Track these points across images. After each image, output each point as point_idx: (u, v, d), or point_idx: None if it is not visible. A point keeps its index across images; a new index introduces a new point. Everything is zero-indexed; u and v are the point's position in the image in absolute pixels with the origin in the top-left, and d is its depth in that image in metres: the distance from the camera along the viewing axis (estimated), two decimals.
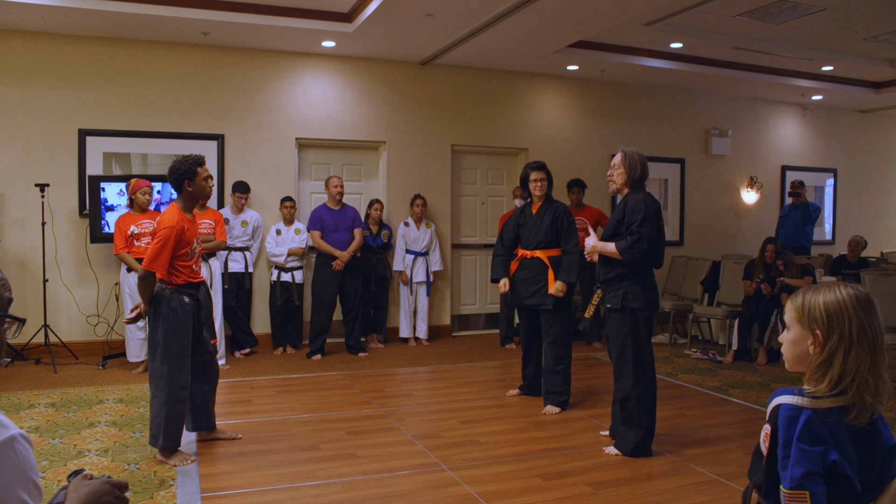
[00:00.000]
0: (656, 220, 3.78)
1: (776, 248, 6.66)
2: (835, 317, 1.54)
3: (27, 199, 6.24)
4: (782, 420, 1.54)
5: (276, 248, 6.64)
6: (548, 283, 4.79)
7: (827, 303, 1.55)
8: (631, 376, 3.88)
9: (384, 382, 5.67)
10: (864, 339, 1.53)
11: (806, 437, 1.51)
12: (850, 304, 1.54)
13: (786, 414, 1.54)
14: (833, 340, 1.54)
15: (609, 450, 3.96)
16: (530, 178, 4.88)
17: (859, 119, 10.41)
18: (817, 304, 1.57)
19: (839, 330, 1.54)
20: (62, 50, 6.35)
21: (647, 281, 3.87)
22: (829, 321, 1.55)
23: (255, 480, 3.53)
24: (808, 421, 1.52)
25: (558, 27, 6.20)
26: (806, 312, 1.58)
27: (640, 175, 3.89)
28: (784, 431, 1.53)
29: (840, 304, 1.54)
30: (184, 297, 3.76)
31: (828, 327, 1.55)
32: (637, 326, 3.86)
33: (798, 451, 1.50)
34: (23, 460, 1.17)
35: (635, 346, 3.86)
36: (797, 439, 1.51)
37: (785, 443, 1.53)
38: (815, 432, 1.51)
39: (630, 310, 3.84)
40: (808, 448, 1.50)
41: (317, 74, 7.16)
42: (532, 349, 5.14)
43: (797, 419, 1.52)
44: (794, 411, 1.54)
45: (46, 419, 4.50)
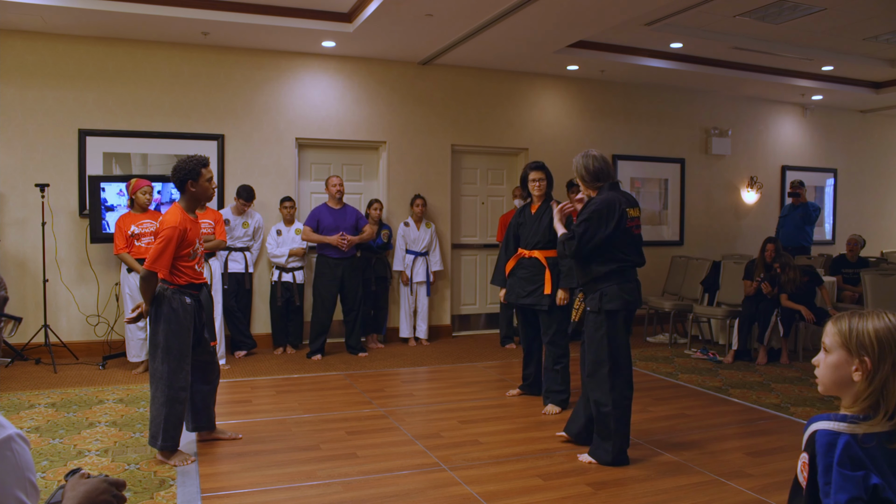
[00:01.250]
0: (603, 223, 3.66)
1: (776, 247, 6.66)
2: (887, 344, 1.49)
3: (27, 199, 6.24)
4: (820, 446, 1.51)
5: (276, 248, 6.64)
6: (545, 284, 4.79)
7: (878, 330, 1.51)
8: (607, 380, 3.73)
9: (384, 382, 5.67)
10: None
11: (846, 462, 1.47)
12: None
13: (823, 440, 1.51)
14: (885, 369, 1.49)
15: (583, 457, 3.81)
16: (529, 177, 4.88)
17: (859, 119, 10.41)
18: (867, 331, 1.51)
19: (892, 358, 1.49)
20: (62, 50, 6.35)
21: (624, 282, 3.76)
22: (880, 349, 1.49)
23: (255, 480, 3.53)
24: (847, 446, 1.48)
25: (558, 27, 6.20)
26: (854, 338, 1.52)
27: (596, 173, 3.80)
28: (823, 458, 1.50)
29: (891, 332, 1.50)
30: (185, 298, 3.76)
31: (879, 355, 1.50)
32: (614, 328, 3.74)
33: (840, 477, 1.47)
34: (20, 460, 1.17)
35: (612, 349, 3.73)
36: (837, 464, 1.47)
37: (825, 469, 1.49)
38: (855, 457, 1.48)
39: (606, 311, 3.73)
40: (850, 473, 1.46)
41: (317, 74, 7.16)
42: (533, 349, 5.15)
43: (835, 444, 1.49)
44: (831, 437, 1.50)
45: (46, 419, 4.50)
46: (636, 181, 8.77)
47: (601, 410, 3.76)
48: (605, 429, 3.75)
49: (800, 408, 4.94)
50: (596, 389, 3.79)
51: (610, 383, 3.73)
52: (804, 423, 1.57)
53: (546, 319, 4.82)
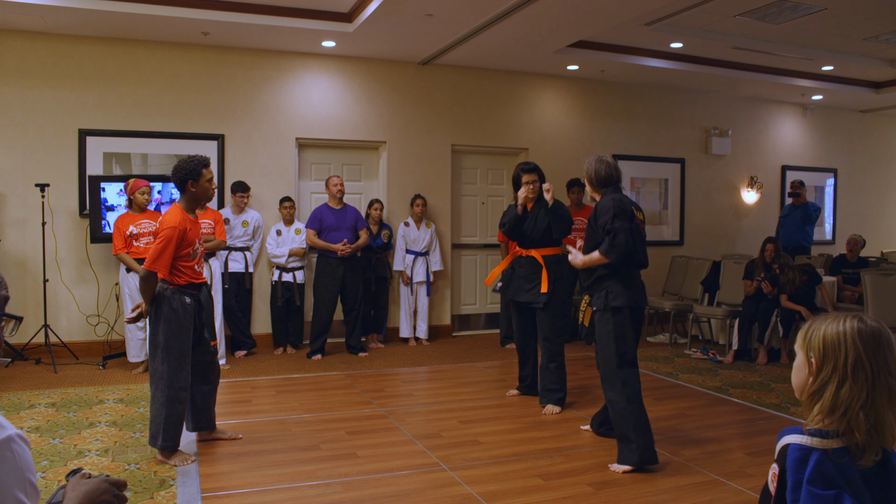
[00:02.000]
0: (627, 215, 3.73)
1: (776, 248, 6.66)
2: (831, 347, 1.48)
3: (27, 199, 6.24)
4: (790, 462, 1.46)
5: (276, 248, 6.64)
6: (541, 283, 4.80)
7: (827, 332, 1.50)
8: (617, 377, 3.75)
9: (384, 382, 5.67)
10: (859, 372, 1.45)
11: (817, 480, 1.42)
12: (851, 336, 1.47)
13: (794, 455, 1.46)
14: (826, 370, 1.48)
15: (614, 467, 3.71)
16: (522, 180, 4.88)
17: (859, 119, 10.41)
18: (818, 333, 1.51)
19: (833, 360, 1.47)
20: (62, 50, 6.35)
21: (628, 279, 3.80)
22: (824, 350, 1.49)
23: (255, 480, 3.53)
24: (819, 462, 1.43)
25: (558, 27, 6.20)
26: (807, 339, 1.53)
27: (605, 178, 3.87)
28: (793, 474, 1.45)
29: (839, 335, 1.48)
30: (185, 298, 3.76)
31: (823, 356, 1.49)
32: (620, 325, 3.77)
33: (808, 496, 1.42)
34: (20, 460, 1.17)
35: (618, 345, 3.76)
36: (807, 482, 1.42)
37: (794, 486, 1.45)
38: (827, 474, 1.42)
39: (612, 308, 3.77)
40: (820, 492, 1.41)
41: (317, 74, 7.16)
42: (527, 349, 5.15)
43: (807, 460, 1.44)
44: (803, 452, 1.46)
45: (47, 419, 4.50)
46: (636, 181, 8.77)
47: (616, 409, 3.75)
48: (625, 429, 3.71)
49: (800, 408, 4.91)
50: (609, 389, 3.81)
51: (620, 379, 3.74)
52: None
53: (542, 317, 4.83)
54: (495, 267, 7.81)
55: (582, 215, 7.23)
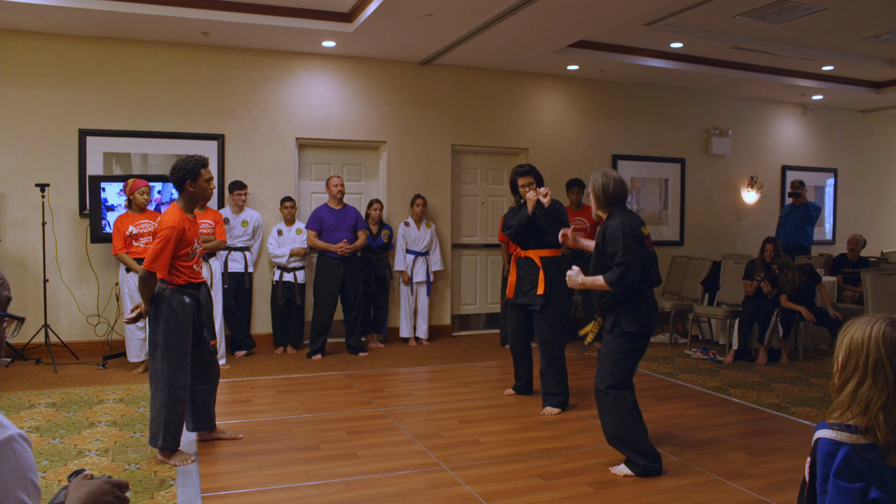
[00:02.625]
0: (637, 243, 3.60)
1: (775, 247, 6.66)
2: (855, 346, 1.55)
3: (27, 199, 6.24)
4: (820, 455, 1.53)
5: (277, 248, 6.65)
6: (538, 284, 4.78)
7: (854, 333, 1.57)
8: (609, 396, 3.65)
9: (384, 382, 5.67)
10: (880, 373, 1.51)
11: (844, 474, 1.48)
12: (875, 339, 1.53)
13: (824, 449, 1.53)
14: (849, 368, 1.56)
15: (616, 470, 3.69)
16: (519, 182, 4.87)
17: (859, 119, 10.41)
18: (848, 333, 1.59)
19: (856, 359, 1.55)
20: (62, 50, 6.35)
21: (641, 302, 3.67)
22: (849, 349, 1.57)
23: (255, 480, 3.53)
24: (847, 457, 1.49)
25: (558, 27, 6.20)
26: (840, 339, 1.61)
27: (613, 196, 3.72)
28: (822, 467, 1.52)
29: (865, 337, 1.55)
30: (184, 298, 3.76)
31: (847, 355, 1.57)
32: (628, 351, 3.66)
33: (835, 489, 1.48)
34: (21, 460, 1.17)
35: (618, 366, 3.65)
36: (834, 475, 1.49)
37: (822, 478, 1.51)
38: (855, 468, 1.48)
39: (623, 332, 3.65)
40: (846, 485, 1.47)
41: (317, 74, 7.16)
42: (520, 349, 5.14)
43: (835, 454, 1.50)
44: (832, 446, 1.52)
45: (47, 419, 4.50)
46: (636, 181, 8.77)
47: (607, 426, 3.69)
48: (622, 446, 3.67)
49: (800, 408, 4.94)
50: (600, 405, 3.71)
51: (611, 398, 3.65)
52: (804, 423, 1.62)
53: (539, 320, 4.82)
54: (500, 269, 7.87)
55: (582, 215, 7.24)
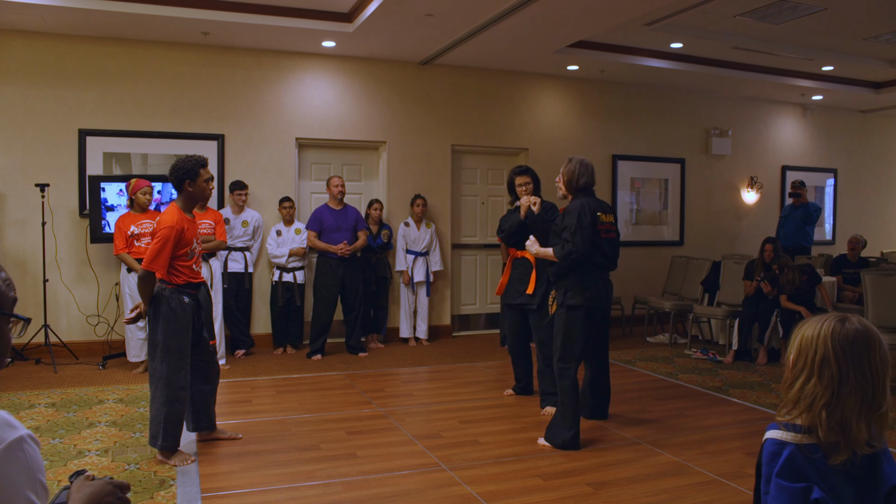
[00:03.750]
0: (588, 228, 3.98)
1: (774, 247, 6.66)
2: (805, 344, 1.53)
3: (27, 199, 6.24)
4: (765, 455, 1.52)
5: (277, 248, 6.64)
6: (529, 284, 4.81)
7: (805, 331, 1.54)
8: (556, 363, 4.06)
9: (384, 382, 5.67)
10: (825, 370, 1.48)
11: (786, 473, 1.47)
12: (824, 336, 1.50)
13: (770, 449, 1.52)
14: (798, 366, 1.53)
15: (541, 441, 4.09)
16: (516, 182, 4.89)
17: (859, 119, 10.42)
18: (800, 332, 1.56)
19: (804, 356, 1.52)
20: (62, 50, 6.35)
21: (588, 279, 4.03)
22: (799, 347, 1.54)
23: (255, 480, 3.53)
24: (791, 456, 1.48)
25: (558, 27, 6.20)
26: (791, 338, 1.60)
27: (584, 183, 4.11)
28: (766, 467, 1.51)
29: (815, 334, 1.51)
30: (184, 298, 3.76)
31: (798, 353, 1.54)
32: (571, 323, 4.01)
33: (776, 488, 1.47)
34: (31, 461, 1.18)
35: (564, 339, 4.02)
36: (776, 475, 1.48)
37: (766, 478, 1.51)
38: (797, 468, 1.47)
39: (567, 306, 4.02)
40: (788, 485, 1.46)
41: (317, 74, 7.16)
42: (519, 350, 5.15)
43: (780, 454, 1.49)
44: (777, 446, 1.51)
45: (46, 419, 4.50)
46: (636, 181, 8.77)
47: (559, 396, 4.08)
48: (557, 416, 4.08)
49: None
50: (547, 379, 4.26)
51: (557, 370, 4.07)
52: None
53: (535, 319, 4.83)
54: (499, 269, 7.88)
55: None
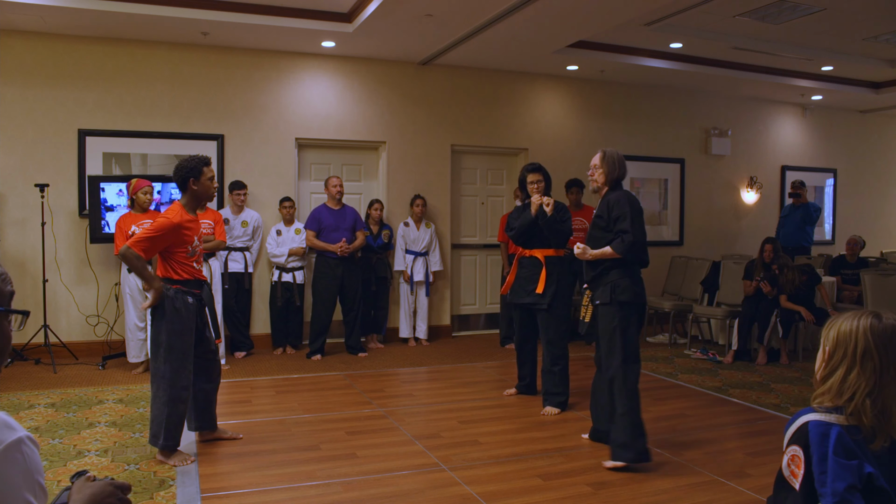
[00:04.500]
0: (640, 215, 3.83)
1: (774, 248, 6.66)
2: (843, 337, 1.62)
3: (27, 199, 6.24)
4: (814, 436, 1.56)
5: (276, 248, 6.64)
6: (538, 283, 4.79)
7: (842, 325, 1.64)
8: (620, 374, 3.72)
9: (384, 382, 5.67)
10: (867, 362, 1.58)
11: (840, 451, 1.53)
12: (863, 329, 1.60)
13: (817, 430, 1.57)
14: (837, 357, 1.63)
15: (608, 464, 3.70)
16: (528, 180, 4.89)
17: (859, 119, 10.42)
18: (835, 325, 1.66)
19: (843, 348, 1.62)
20: (62, 50, 6.35)
21: (634, 275, 3.82)
22: (837, 340, 1.64)
23: (255, 480, 3.53)
24: (840, 436, 1.54)
25: (558, 27, 6.20)
26: (826, 331, 1.68)
27: (619, 174, 3.95)
28: (818, 447, 1.55)
29: (853, 327, 1.62)
30: (188, 298, 3.76)
31: (835, 345, 1.64)
32: (626, 320, 3.77)
33: (836, 465, 1.52)
34: (30, 462, 1.18)
35: (624, 341, 3.75)
36: (833, 454, 1.53)
37: (820, 458, 1.54)
38: (848, 446, 1.53)
39: (619, 302, 3.77)
40: (845, 461, 1.51)
41: (317, 74, 7.16)
42: (526, 348, 5.15)
43: (828, 434, 1.55)
44: (824, 427, 1.57)
45: (46, 419, 4.50)
46: (636, 181, 8.77)
47: (618, 405, 3.71)
48: (622, 426, 3.68)
49: (799, 408, 4.93)
50: (618, 385, 3.74)
51: (623, 374, 3.72)
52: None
53: (545, 319, 4.82)
54: (499, 269, 7.87)
55: (582, 216, 7.24)
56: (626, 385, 3.72)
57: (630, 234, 3.73)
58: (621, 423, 3.69)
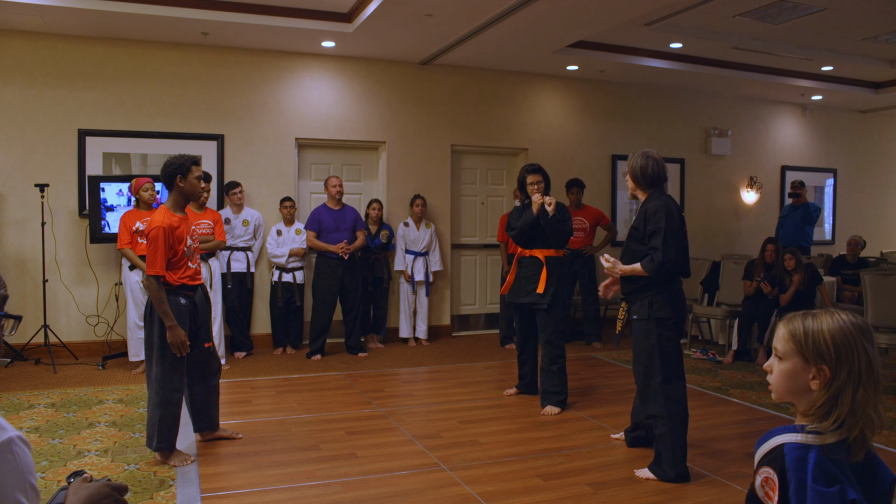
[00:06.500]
0: (678, 231, 3.54)
1: (776, 248, 6.65)
2: (844, 350, 1.39)
3: (27, 199, 6.24)
4: (791, 461, 1.39)
5: (277, 248, 6.64)
6: (539, 283, 4.79)
7: (834, 334, 1.40)
8: (661, 394, 3.57)
9: (384, 382, 5.67)
10: (871, 375, 1.39)
11: (820, 478, 1.36)
12: (858, 337, 1.40)
13: (794, 454, 1.39)
14: (842, 377, 1.39)
15: (641, 472, 3.62)
16: (528, 180, 4.88)
17: (859, 119, 10.41)
18: (822, 335, 1.40)
19: (848, 365, 1.39)
20: (62, 50, 6.35)
21: (673, 290, 3.61)
22: (837, 355, 1.39)
23: (255, 480, 3.53)
24: (819, 459, 1.37)
25: (558, 27, 6.20)
26: (809, 344, 1.42)
27: (652, 177, 3.63)
28: (795, 473, 1.38)
29: (848, 337, 1.39)
30: (179, 299, 3.75)
31: (836, 362, 1.39)
32: (665, 337, 3.58)
33: (815, 495, 1.35)
34: (21, 463, 1.17)
35: (663, 358, 3.57)
36: (812, 482, 1.36)
37: (798, 486, 1.37)
38: (828, 471, 1.36)
39: (657, 319, 3.57)
40: (826, 490, 1.35)
41: (317, 74, 7.16)
42: (527, 348, 5.15)
43: (806, 459, 1.37)
44: (801, 450, 1.39)
45: (46, 419, 4.50)
46: None
47: (658, 425, 3.59)
48: (663, 445, 3.56)
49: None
50: (651, 403, 3.63)
51: (664, 395, 3.57)
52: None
53: (544, 319, 4.81)
54: (499, 269, 7.87)
55: (582, 215, 7.25)
56: (668, 405, 3.55)
57: (660, 252, 3.48)
58: (663, 443, 3.56)
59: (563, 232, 4.81)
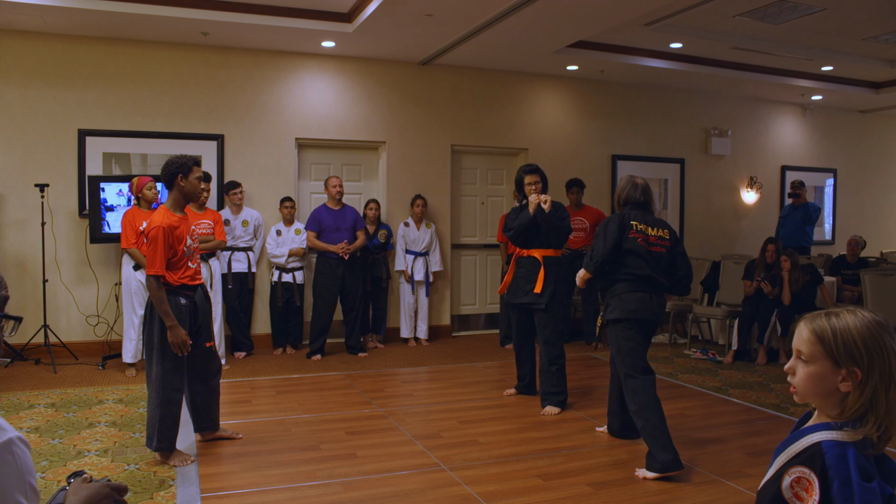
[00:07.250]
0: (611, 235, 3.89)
1: (777, 248, 6.65)
2: (875, 352, 1.36)
3: (27, 199, 6.24)
4: (832, 458, 1.36)
5: (276, 248, 6.64)
6: (536, 283, 4.79)
7: (863, 334, 1.36)
8: (628, 389, 3.83)
9: (384, 382, 5.67)
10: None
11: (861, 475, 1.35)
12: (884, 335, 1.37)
13: (833, 451, 1.36)
14: (874, 378, 1.36)
15: (640, 472, 3.65)
16: (525, 181, 4.88)
17: (859, 119, 10.41)
18: (851, 336, 1.37)
19: (879, 366, 1.36)
20: (62, 50, 6.35)
21: (626, 293, 3.88)
22: (869, 357, 1.36)
23: (255, 480, 3.53)
24: (857, 457, 1.36)
25: (558, 27, 6.20)
26: (839, 346, 1.38)
27: (623, 199, 4.07)
28: (838, 471, 1.35)
29: (876, 337, 1.36)
30: (179, 299, 3.75)
31: (868, 364, 1.36)
32: (621, 337, 3.87)
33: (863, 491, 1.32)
34: (20, 464, 1.17)
35: (622, 357, 3.87)
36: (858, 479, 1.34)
37: (842, 483, 1.34)
38: (864, 467, 1.35)
39: (610, 321, 3.93)
40: (868, 485, 1.33)
41: (317, 74, 7.16)
42: (524, 348, 5.14)
43: (846, 456, 1.35)
44: (839, 448, 1.36)
45: (46, 419, 4.50)
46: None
47: (636, 419, 3.79)
48: (645, 436, 3.72)
49: (799, 408, 4.94)
50: (628, 400, 3.86)
51: (631, 390, 3.81)
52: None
53: (542, 319, 4.81)
54: (499, 269, 7.88)
55: (582, 215, 7.25)
56: (635, 398, 3.78)
57: (593, 249, 4.01)
58: (644, 435, 3.75)
59: (561, 230, 4.81)
